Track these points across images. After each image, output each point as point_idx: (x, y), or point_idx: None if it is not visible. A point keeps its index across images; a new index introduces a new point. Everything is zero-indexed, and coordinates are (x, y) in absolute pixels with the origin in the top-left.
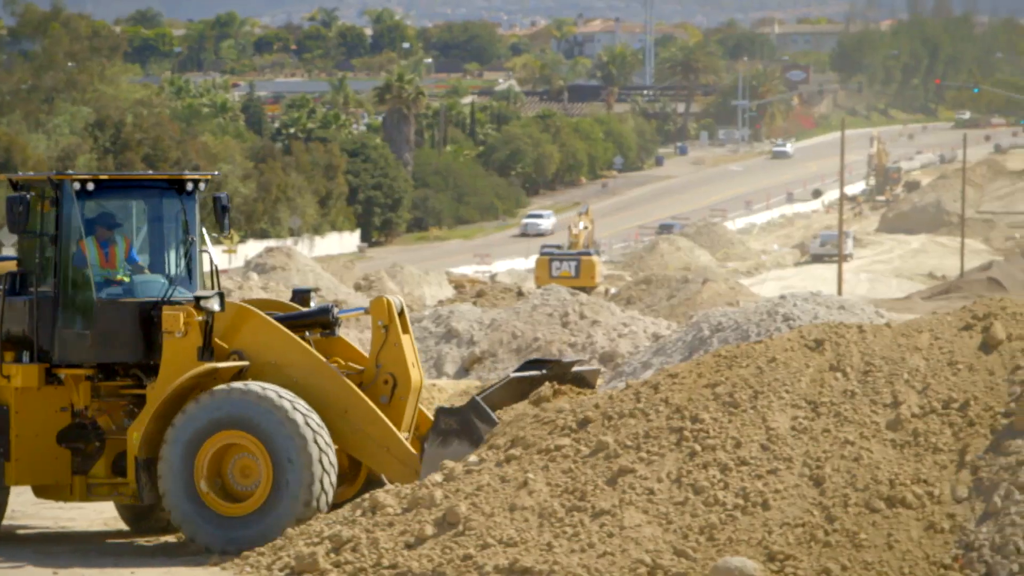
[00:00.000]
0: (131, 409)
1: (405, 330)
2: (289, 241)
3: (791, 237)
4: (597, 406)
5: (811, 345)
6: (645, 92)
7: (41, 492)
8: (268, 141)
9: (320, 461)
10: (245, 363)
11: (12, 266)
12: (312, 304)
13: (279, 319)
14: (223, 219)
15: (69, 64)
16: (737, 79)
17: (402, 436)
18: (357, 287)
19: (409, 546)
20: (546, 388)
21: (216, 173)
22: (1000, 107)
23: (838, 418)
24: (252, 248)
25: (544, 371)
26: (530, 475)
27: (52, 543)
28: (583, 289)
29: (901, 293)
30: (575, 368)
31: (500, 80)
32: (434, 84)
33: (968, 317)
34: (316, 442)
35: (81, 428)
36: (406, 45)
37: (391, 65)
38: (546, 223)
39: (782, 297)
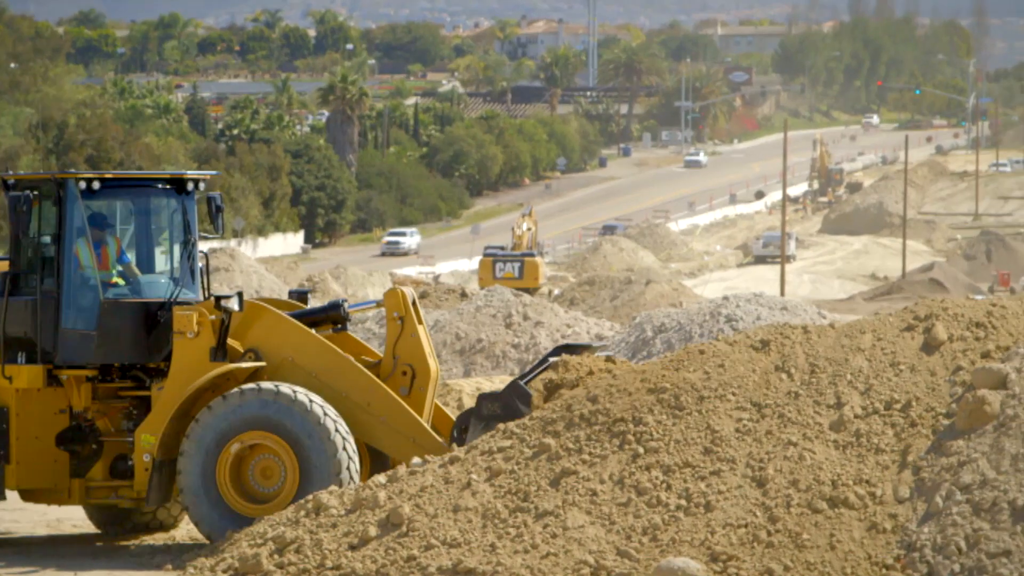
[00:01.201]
0: (130, 411)
1: (419, 321)
2: (232, 242)
3: (734, 238)
4: (531, 417)
5: (757, 346)
6: (588, 93)
7: (32, 496)
8: (211, 142)
9: (344, 449)
10: (262, 363)
11: (3, 266)
12: (309, 305)
13: (291, 316)
14: (217, 219)
15: (12, 65)
16: (680, 80)
17: (427, 426)
18: (301, 286)
19: (353, 547)
20: (571, 359)
21: (217, 172)
22: (941, 109)
23: (782, 419)
24: None
25: (576, 355)
26: (473, 476)
27: None
28: (526, 290)
29: (843, 294)
30: (598, 352)
31: (443, 81)
32: (377, 85)
33: (910, 318)
34: (338, 431)
35: (79, 430)
36: (349, 46)
37: (334, 66)
38: (409, 241)
39: (725, 298)
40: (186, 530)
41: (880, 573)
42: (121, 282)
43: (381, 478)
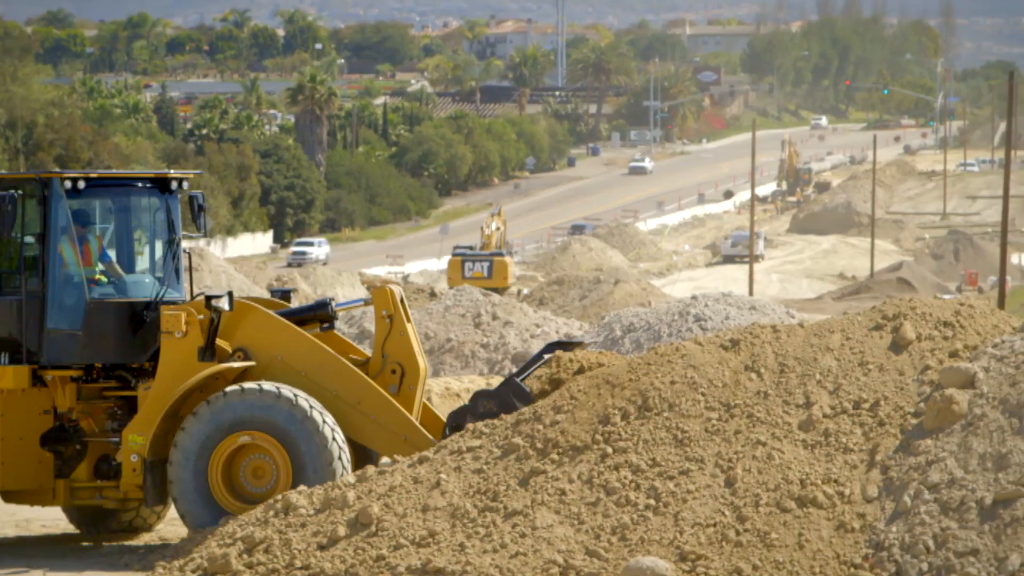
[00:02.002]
0: (114, 411)
1: (407, 319)
2: (201, 242)
3: (703, 238)
4: (501, 418)
5: (726, 346)
6: (557, 93)
7: (16, 497)
8: (180, 142)
9: (335, 440)
10: (251, 363)
11: None
12: (292, 304)
13: (279, 315)
14: (200, 218)
15: None
16: (648, 80)
17: (418, 424)
18: (270, 288)
19: (322, 547)
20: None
21: (200, 171)
22: (909, 108)
23: (750, 419)
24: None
25: (568, 351)
26: (442, 476)
27: None
28: (495, 290)
29: (812, 293)
30: (587, 348)
31: (412, 81)
32: (346, 85)
33: (878, 317)
34: (326, 422)
35: (63, 431)
36: (318, 46)
37: (303, 66)
38: (317, 251)
39: (694, 298)
40: (155, 532)
41: (848, 572)
42: (103, 279)
43: (350, 478)
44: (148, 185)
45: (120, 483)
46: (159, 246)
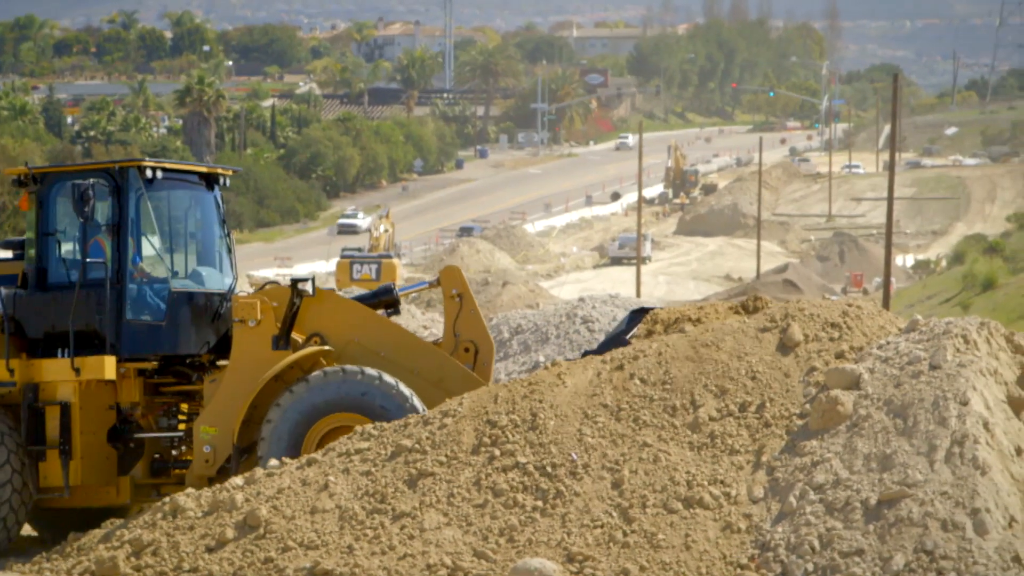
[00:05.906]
0: (170, 408)
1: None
2: None
3: (590, 239)
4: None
5: (613, 355)
6: (445, 95)
7: (84, 494)
8: (68, 144)
9: None
10: (329, 347)
11: (13, 267)
12: None
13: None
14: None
15: None
16: (536, 82)
17: None
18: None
19: (210, 549)
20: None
21: (239, 169)
22: (795, 111)
23: (637, 422)
24: None
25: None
26: (331, 478)
27: None
28: None
29: (699, 295)
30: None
31: (300, 83)
32: (234, 87)
33: (766, 320)
34: (424, 411)
35: (126, 426)
36: (206, 48)
37: (191, 68)
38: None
39: (581, 299)
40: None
41: (735, 573)
42: (140, 277)
43: (238, 480)
44: (200, 179)
45: (188, 476)
46: (218, 239)
